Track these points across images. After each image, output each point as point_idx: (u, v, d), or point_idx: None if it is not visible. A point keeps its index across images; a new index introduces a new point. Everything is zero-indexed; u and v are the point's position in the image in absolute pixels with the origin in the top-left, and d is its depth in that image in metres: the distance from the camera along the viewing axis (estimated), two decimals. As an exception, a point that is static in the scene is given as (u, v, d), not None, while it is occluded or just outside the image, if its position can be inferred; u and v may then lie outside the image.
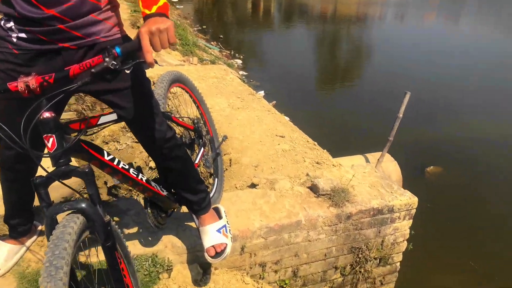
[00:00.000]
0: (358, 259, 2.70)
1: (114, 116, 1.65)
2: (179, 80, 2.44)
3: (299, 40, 14.81)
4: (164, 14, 1.25)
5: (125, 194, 3.50)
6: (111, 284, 1.48)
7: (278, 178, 2.87)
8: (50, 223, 1.28)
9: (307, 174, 2.91)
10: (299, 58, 12.04)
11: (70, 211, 1.31)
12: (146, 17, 1.25)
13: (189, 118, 2.45)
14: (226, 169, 3.40)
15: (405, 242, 2.85)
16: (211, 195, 2.40)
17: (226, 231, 2.00)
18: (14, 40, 1.38)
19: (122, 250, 1.57)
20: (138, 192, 1.94)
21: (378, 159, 4.58)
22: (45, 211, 1.31)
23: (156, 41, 1.20)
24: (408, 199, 2.70)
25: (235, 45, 12.96)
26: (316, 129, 6.54)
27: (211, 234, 1.97)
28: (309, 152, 3.53)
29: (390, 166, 4.59)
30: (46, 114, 1.29)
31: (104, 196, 3.75)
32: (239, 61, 10.92)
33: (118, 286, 1.45)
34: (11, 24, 1.36)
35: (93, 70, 1.22)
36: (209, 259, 1.95)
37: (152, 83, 1.77)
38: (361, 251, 2.68)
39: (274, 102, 8.29)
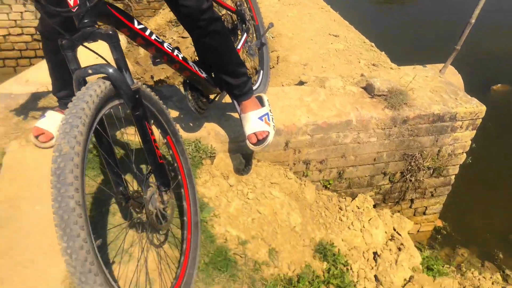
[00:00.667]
0: (410, 167, 2.53)
1: None
2: None
3: None
4: None
5: (170, 85, 3.42)
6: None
7: (329, 77, 2.65)
8: (77, 86, 1.19)
9: (362, 75, 2.67)
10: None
11: (96, 75, 1.21)
12: None
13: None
14: (273, 67, 3.21)
15: (464, 154, 2.63)
16: (255, 87, 2.25)
17: (269, 119, 1.87)
18: None
19: (166, 123, 1.50)
20: (175, 72, 1.81)
21: (440, 70, 4.19)
22: (73, 75, 1.21)
23: None
24: (474, 107, 2.43)
25: None
26: (374, 34, 6.06)
27: (253, 121, 1.86)
28: (365, 54, 3.25)
29: (453, 79, 4.20)
30: None
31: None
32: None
33: (150, 157, 1.38)
34: None
35: None
36: (250, 146, 1.85)
37: None
38: (414, 159, 2.50)
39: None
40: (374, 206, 2.64)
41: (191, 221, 1.66)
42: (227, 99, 2.18)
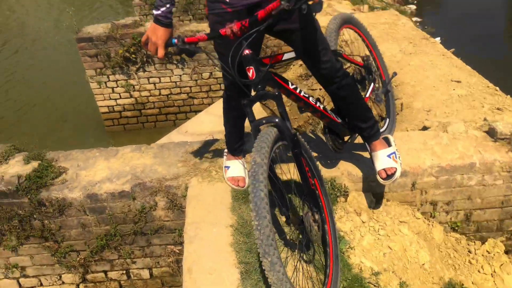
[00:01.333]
0: (542, 211, 2.57)
1: (294, 54, 1.99)
2: (350, 22, 2.63)
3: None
4: None
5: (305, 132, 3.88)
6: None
7: (452, 122, 2.86)
8: (254, 133, 1.71)
9: (485, 119, 2.83)
10: (489, 3, 10.65)
11: (267, 124, 1.72)
12: None
13: (359, 56, 2.63)
14: (398, 113, 3.49)
15: None
16: (382, 130, 2.57)
17: (396, 157, 2.20)
18: (228, 0, 1.77)
19: (308, 157, 1.92)
20: (318, 119, 2.26)
21: None
22: (251, 124, 1.74)
23: None
24: None
25: (409, -11, 12.15)
26: (502, 76, 5.95)
27: (382, 159, 2.20)
28: (489, 98, 3.36)
29: None
30: (246, 51, 1.69)
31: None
32: (413, 7, 10.28)
33: (305, 183, 1.84)
34: None
35: (273, 12, 1.57)
36: (380, 181, 2.18)
37: None
38: (546, 202, 2.54)
39: (453, 49, 7.69)
40: (506, 253, 2.67)
41: (333, 252, 2.01)
42: (358, 140, 2.55)
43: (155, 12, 1.75)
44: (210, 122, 4.61)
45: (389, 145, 2.27)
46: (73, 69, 7.36)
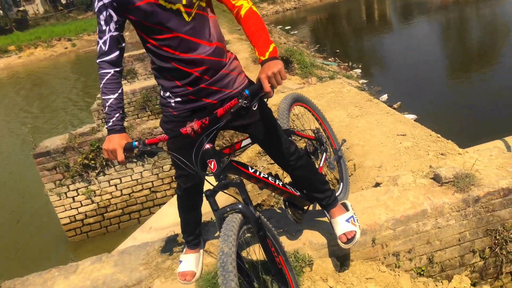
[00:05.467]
0: (496, 241, 2.66)
1: (250, 140, 2.12)
2: (299, 100, 2.84)
3: (421, 36, 14.24)
4: (275, 57, 1.65)
5: (268, 209, 3.95)
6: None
7: (401, 174, 3.00)
8: (219, 222, 1.75)
9: (430, 166, 2.99)
10: (423, 54, 11.61)
11: (231, 211, 1.78)
12: (262, 63, 1.65)
13: (310, 130, 2.79)
14: (351, 174, 3.63)
15: (549, 219, 2.70)
16: (337, 193, 2.66)
17: (354, 221, 2.30)
18: (173, 104, 1.91)
19: (272, 236, 1.97)
20: (277, 195, 2.34)
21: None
22: (215, 214, 1.79)
23: (273, 82, 1.61)
24: (542, 175, 2.59)
25: (354, 55, 13.07)
26: (448, 122, 6.31)
27: (341, 224, 2.29)
28: (433, 145, 3.56)
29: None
30: (207, 146, 1.80)
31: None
32: (358, 71, 11.01)
33: (271, 264, 1.89)
34: (168, 93, 1.91)
35: (232, 110, 1.69)
36: (342, 245, 2.25)
37: None
38: (498, 232, 2.64)
39: (399, 103, 8.19)
40: (474, 285, 2.73)
41: None
42: (317, 208, 2.61)
43: (106, 126, 1.86)
44: (174, 214, 4.59)
45: (347, 209, 2.37)
46: (32, 184, 7.36)
